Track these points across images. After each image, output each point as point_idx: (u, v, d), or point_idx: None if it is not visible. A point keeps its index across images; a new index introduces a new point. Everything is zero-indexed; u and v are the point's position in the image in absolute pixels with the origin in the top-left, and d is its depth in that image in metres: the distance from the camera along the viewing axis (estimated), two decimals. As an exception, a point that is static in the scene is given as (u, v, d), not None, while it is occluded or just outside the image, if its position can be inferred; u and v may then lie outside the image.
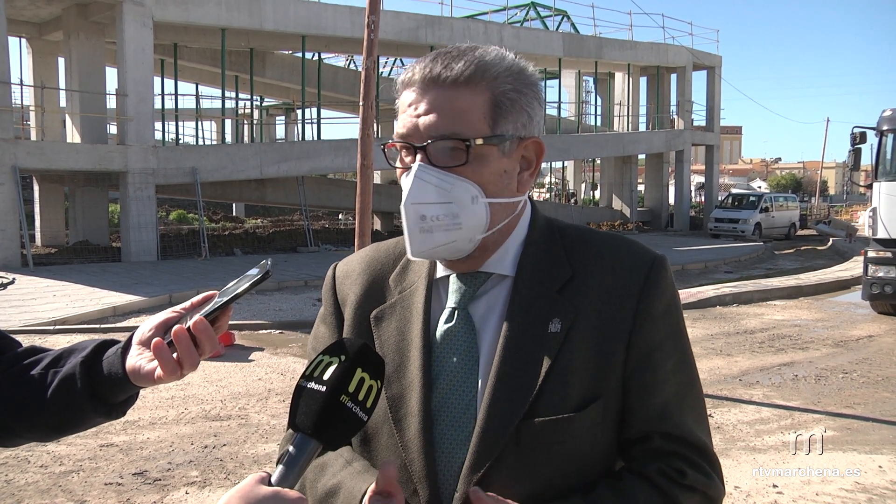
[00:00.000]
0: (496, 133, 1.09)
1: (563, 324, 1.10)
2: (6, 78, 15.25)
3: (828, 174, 64.59)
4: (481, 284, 1.16)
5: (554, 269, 1.15)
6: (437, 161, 1.08)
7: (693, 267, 18.31)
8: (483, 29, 24.14)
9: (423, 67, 1.10)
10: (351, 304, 1.24)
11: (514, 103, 1.11)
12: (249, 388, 6.95)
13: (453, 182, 1.08)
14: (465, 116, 1.08)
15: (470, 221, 1.09)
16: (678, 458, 1.09)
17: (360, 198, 7.83)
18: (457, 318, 1.15)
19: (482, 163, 1.09)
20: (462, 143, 1.07)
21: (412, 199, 1.08)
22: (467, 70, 1.08)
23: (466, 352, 1.13)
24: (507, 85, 1.10)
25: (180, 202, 27.29)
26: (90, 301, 11.30)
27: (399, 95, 1.14)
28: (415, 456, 1.10)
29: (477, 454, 1.07)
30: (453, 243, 1.10)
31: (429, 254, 1.12)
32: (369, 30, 7.70)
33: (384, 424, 1.14)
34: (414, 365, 1.14)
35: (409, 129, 1.10)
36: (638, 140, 29.78)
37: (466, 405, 1.11)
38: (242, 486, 0.91)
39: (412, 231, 1.09)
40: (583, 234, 1.21)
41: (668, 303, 1.14)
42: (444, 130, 1.07)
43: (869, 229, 11.76)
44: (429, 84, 1.09)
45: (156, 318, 1.13)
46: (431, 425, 1.11)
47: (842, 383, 7.33)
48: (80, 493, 4.50)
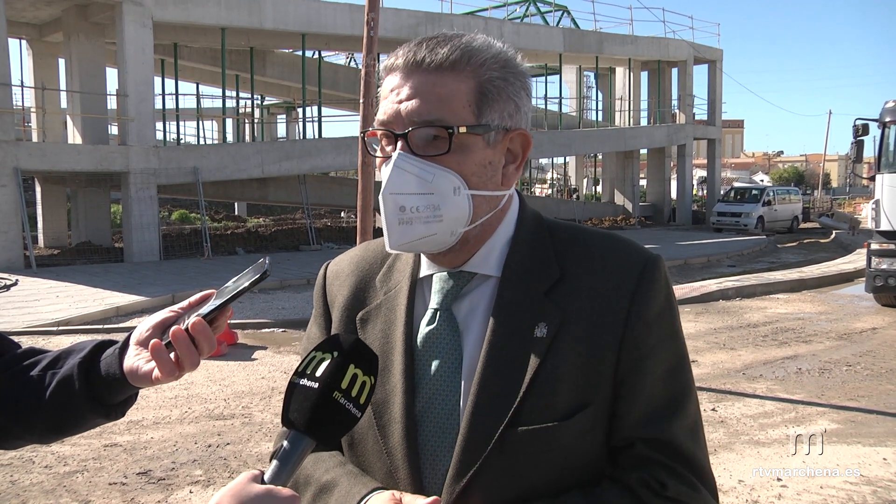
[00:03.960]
0: (481, 122, 1.04)
1: (550, 328, 1.05)
2: (7, 80, 15.26)
3: (830, 167, 64.46)
4: (465, 284, 1.11)
5: (542, 270, 1.09)
6: (418, 150, 1.03)
7: (696, 261, 18.29)
8: (483, 25, 24.09)
9: (408, 52, 1.05)
10: (339, 307, 1.21)
11: (500, 92, 1.06)
12: (253, 387, 6.96)
13: (434, 172, 1.03)
14: (449, 103, 1.03)
15: (451, 213, 1.04)
16: (661, 468, 1.03)
17: (361, 195, 7.82)
18: (439, 319, 1.11)
19: (465, 152, 1.04)
20: (444, 131, 1.02)
21: (391, 190, 1.03)
22: (452, 55, 1.03)
23: (449, 354, 1.09)
24: (494, 73, 1.05)
25: (182, 202, 27.29)
26: (93, 302, 11.32)
27: (382, 81, 1.09)
28: (399, 463, 1.07)
29: (460, 462, 1.04)
30: (433, 236, 1.05)
31: (408, 246, 1.06)
32: (369, 27, 7.69)
33: (369, 430, 1.11)
34: (396, 369, 1.10)
35: (389, 115, 1.05)
36: (639, 135, 29.74)
37: (450, 410, 1.07)
38: (235, 484, 0.90)
39: (391, 222, 1.04)
40: (574, 233, 1.15)
41: (662, 306, 1.08)
42: (427, 116, 1.02)
43: (872, 221, 11.74)
44: (412, 69, 1.04)
45: (153, 318, 1.13)
46: (416, 431, 1.08)
47: (845, 376, 7.32)
48: (84, 493, 4.51)
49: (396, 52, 1.07)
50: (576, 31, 28.35)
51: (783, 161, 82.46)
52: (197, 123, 29.30)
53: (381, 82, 1.10)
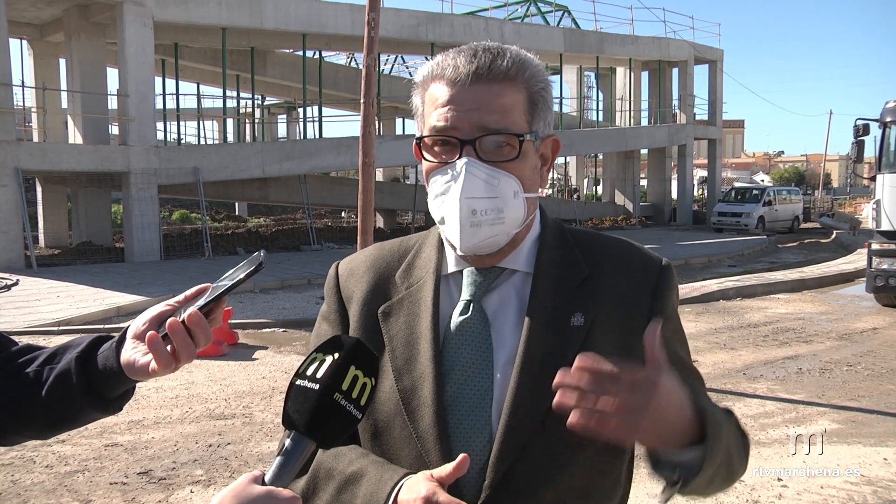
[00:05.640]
0: (532, 129, 1.13)
1: (587, 318, 1.13)
2: (7, 80, 15.26)
3: (831, 167, 64.44)
4: (495, 279, 1.18)
5: (571, 267, 1.18)
6: (485, 156, 1.10)
7: (696, 261, 18.29)
8: (484, 25, 24.09)
9: (459, 62, 1.11)
10: (357, 301, 1.24)
11: (544, 101, 1.15)
12: (253, 387, 6.96)
13: (500, 177, 1.10)
14: (511, 112, 1.10)
15: (511, 215, 1.12)
16: None
17: (362, 196, 7.82)
18: (472, 310, 1.16)
19: (524, 159, 1.13)
20: (515, 139, 1.10)
21: (466, 194, 1.09)
22: (511, 67, 1.11)
23: (481, 344, 1.14)
24: (540, 84, 1.14)
25: (183, 202, 27.30)
26: (94, 301, 11.33)
27: (426, 89, 1.15)
28: (431, 446, 1.11)
29: (503, 445, 1.08)
30: (495, 237, 1.12)
31: (476, 248, 1.13)
32: (370, 27, 7.69)
33: (396, 417, 1.14)
34: (425, 357, 1.14)
35: (453, 121, 1.10)
36: (640, 135, 29.72)
37: (481, 396, 1.12)
38: (235, 485, 0.91)
39: (463, 225, 1.10)
40: (593, 237, 1.25)
41: (675, 304, 1.21)
42: (495, 125, 1.09)
43: (873, 221, 11.74)
44: (471, 79, 1.10)
45: (150, 311, 1.14)
46: (446, 415, 1.11)
47: (846, 376, 7.32)
48: (85, 492, 4.51)
49: (442, 63, 1.13)
50: (576, 31, 28.33)
51: (784, 161, 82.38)
52: (198, 123, 29.29)
53: (424, 88, 1.15)
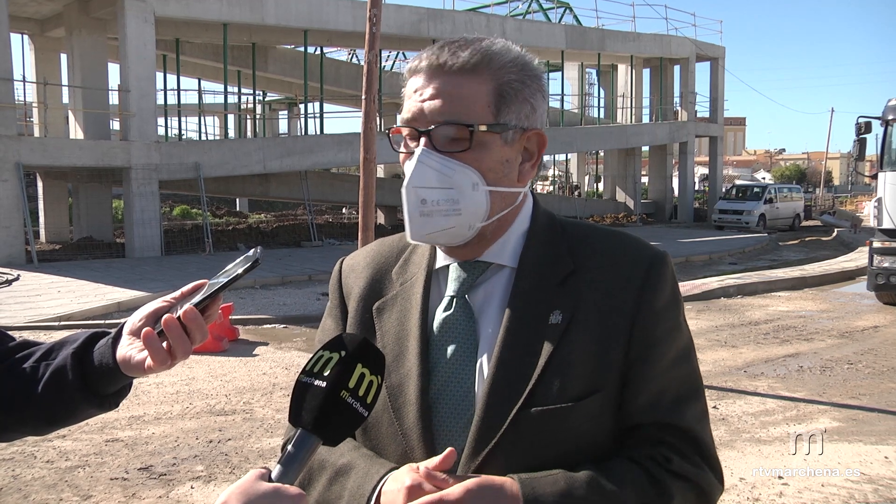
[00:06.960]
0: (499, 121, 1.11)
1: (565, 315, 1.11)
2: (9, 75, 15.26)
3: (832, 164, 64.40)
4: (480, 274, 1.17)
5: (555, 262, 1.16)
6: (439, 146, 1.10)
7: (697, 259, 18.28)
8: (485, 22, 24.06)
9: (431, 55, 1.12)
10: (355, 297, 1.25)
11: (517, 93, 1.12)
12: (254, 383, 6.96)
13: (454, 168, 1.09)
14: (469, 103, 1.09)
15: (469, 208, 1.10)
16: (667, 447, 1.10)
17: (363, 192, 7.82)
18: (455, 306, 1.16)
19: (484, 150, 1.10)
20: (465, 129, 1.09)
21: (413, 183, 1.10)
22: (473, 59, 1.10)
23: (465, 340, 1.14)
24: (512, 75, 1.12)
25: (184, 198, 27.28)
26: (95, 297, 11.34)
27: (406, 83, 1.16)
28: (415, 443, 1.11)
29: (476, 440, 1.08)
30: (452, 229, 1.11)
31: (427, 238, 1.13)
32: (371, 23, 7.68)
33: (384, 413, 1.15)
34: (412, 354, 1.15)
35: (414, 113, 1.11)
36: (641, 132, 29.71)
37: (465, 393, 1.12)
38: (242, 482, 0.91)
39: (412, 214, 1.11)
40: (585, 230, 1.22)
41: (669, 298, 1.15)
42: (448, 116, 1.09)
43: (874, 219, 11.72)
44: (435, 71, 1.11)
45: (146, 308, 1.14)
46: (430, 413, 1.12)
47: (847, 374, 7.31)
48: (86, 487, 4.52)
49: (420, 56, 1.14)
50: (578, 28, 28.29)
51: (785, 159, 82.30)
52: (199, 119, 29.29)
53: (404, 83, 1.16)
